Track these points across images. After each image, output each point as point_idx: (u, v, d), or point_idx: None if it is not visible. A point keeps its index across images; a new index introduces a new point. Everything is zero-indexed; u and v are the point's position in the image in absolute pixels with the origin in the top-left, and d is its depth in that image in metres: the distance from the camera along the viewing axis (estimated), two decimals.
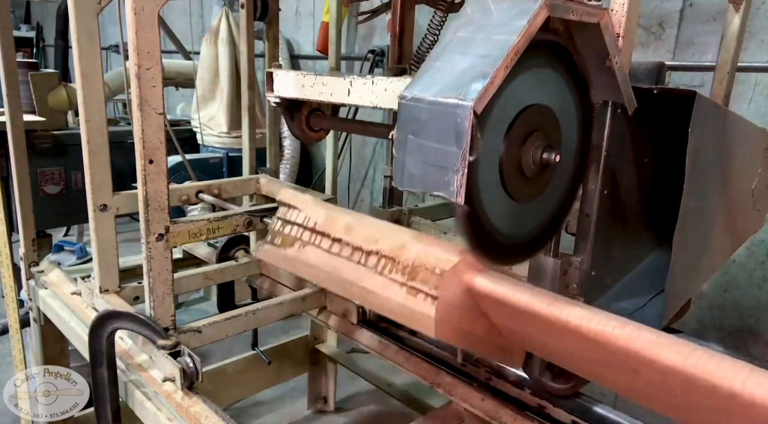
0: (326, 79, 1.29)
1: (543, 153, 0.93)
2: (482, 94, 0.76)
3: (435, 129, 0.79)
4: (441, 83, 0.80)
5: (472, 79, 0.77)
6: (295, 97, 1.39)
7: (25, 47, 8.04)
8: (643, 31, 2.66)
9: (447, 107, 0.77)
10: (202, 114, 3.80)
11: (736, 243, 1.52)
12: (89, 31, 1.43)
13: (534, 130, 0.93)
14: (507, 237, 0.99)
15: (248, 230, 1.66)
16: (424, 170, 0.81)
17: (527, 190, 0.98)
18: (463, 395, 1.32)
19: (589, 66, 0.99)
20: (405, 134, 0.83)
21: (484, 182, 0.88)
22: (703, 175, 1.13)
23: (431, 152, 0.80)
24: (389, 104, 1.17)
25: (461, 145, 0.77)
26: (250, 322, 1.60)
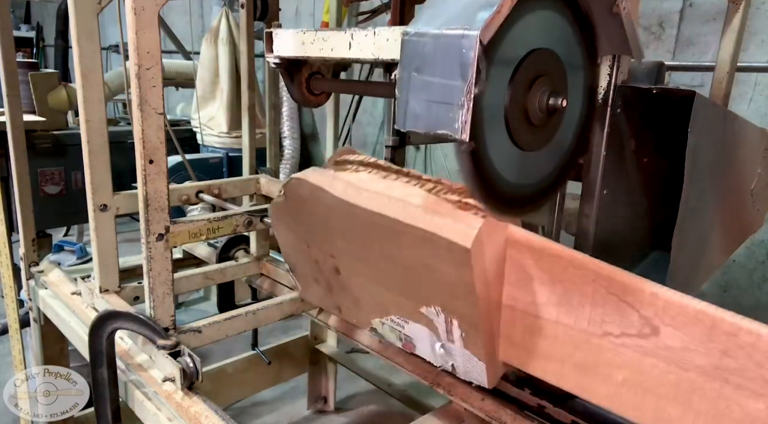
0: (326, 34, 1.25)
1: (549, 98, 0.90)
2: (489, 24, 0.73)
3: (439, 63, 0.76)
4: (446, 15, 0.77)
5: (478, 9, 0.75)
6: (295, 55, 1.34)
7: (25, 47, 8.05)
8: (643, 31, 2.66)
9: (452, 39, 0.74)
10: (202, 114, 3.80)
11: (736, 243, 1.53)
12: (89, 31, 1.43)
13: (540, 75, 0.89)
14: (512, 186, 0.96)
15: (248, 230, 1.66)
16: (428, 108, 0.79)
17: (533, 138, 0.95)
18: (463, 395, 1.32)
19: (596, 12, 0.96)
20: (408, 72, 0.80)
21: (489, 127, 0.84)
22: (702, 175, 1.13)
23: (435, 89, 0.77)
24: (392, 54, 1.12)
25: (466, 77, 0.74)
26: (250, 322, 1.60)
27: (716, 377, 0.81)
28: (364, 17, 1.97)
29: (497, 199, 0.93)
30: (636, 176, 1.19)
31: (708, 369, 0.82)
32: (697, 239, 1.21)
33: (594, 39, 1.00)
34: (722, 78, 1.60)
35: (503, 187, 0.94)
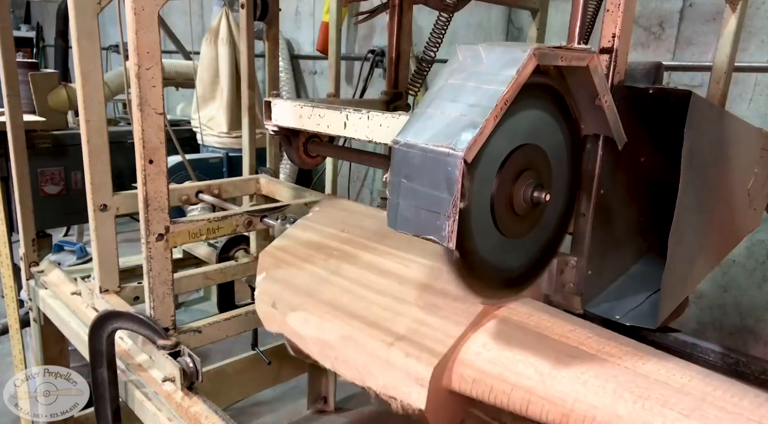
0: (323, 111, 1.32)
1: (534, 192, 0.96)
2: (472, 144, 0.78)
3: (427, 175, 0.81)
4: (433, 130, 0.82)
5: (462, 129, 0.80)
6: (293, 126, 1.43)
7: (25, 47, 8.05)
8: (643, 31, 2.66)
9: (438, 155, 0.79)
10: (202, 114, 3.80)
11: (733, 242, 1.53)
12: (89, 31, 1.43)
13: (525, 169, 0.95)
14: (500, 271, 1.02)
15: (248, 230, 1.66)
16: (417, 214, 0.84)
17: (519, 227, 1.01)
18: None
19: (579, 104, 1.02)
20: (399, 178, 0.85)
21: (476, 222, 0.90)
22: (698, 174, 1.13)
23: (424, 197, 0.82)
24: (384, 139, 1.19)
25: (452, 192, 0.79)
26: (250, 322, 1.60)
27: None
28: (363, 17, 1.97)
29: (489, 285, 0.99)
30: (633, 176, 1.19)
31: None
32: (693, 238, 1.21)
33: (578, 127, 1.05)
34: (720, 78, 1.60)
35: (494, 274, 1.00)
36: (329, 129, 1.31)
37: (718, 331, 2.59)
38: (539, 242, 1.08)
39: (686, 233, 1.15)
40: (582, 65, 0.92)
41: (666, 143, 1.15)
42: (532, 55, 0.82)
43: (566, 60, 0.89)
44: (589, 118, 1.03)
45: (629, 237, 1.27)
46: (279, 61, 2.32)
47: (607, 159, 1.09)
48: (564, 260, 1.15)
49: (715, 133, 1.22)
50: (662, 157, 1.20)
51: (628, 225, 1.25)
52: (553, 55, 0.87)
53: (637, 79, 1.20)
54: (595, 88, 0.96)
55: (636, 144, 1.15)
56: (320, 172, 4.18)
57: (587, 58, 0.92)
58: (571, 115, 1.03)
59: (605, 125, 1.00)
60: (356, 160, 2.08)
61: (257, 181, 2.13)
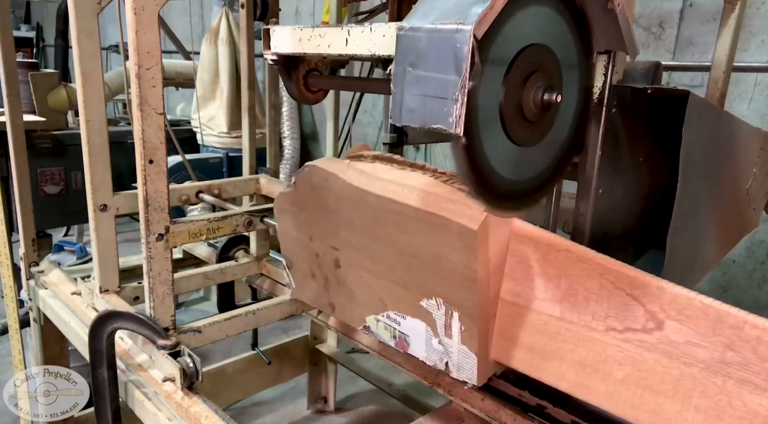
0: (323, 30, 1.25)
1: (544, 94, 0.90)
2: (482, 18, 0.73)
3: (434, 58, 0.77)
4: (440, 10, 0.78)
5: (472, 4, 0.75)
6: (293, 52, 1.35)
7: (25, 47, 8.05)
8: (643, 31, 2.66)
9: (446, 33, 0.75)
10: (202, 114, 3.80)
11: (732, 242, 1.53)
12: (89, 31, 1.43)
13: (534, 70, 0.90)
14: (507, 182, 0.96)
15: (248, 230, 1.66)
16: (423, 103, 0.79)
17: (528, 133, 0.95)
18: (463, 395, 1.32)
19: (590, 7, 0.97)
20: (403, 67, 0.80)
21: (484, 122, 0.85)
22: (697, 174, 1.13)
23: (430, 83, 0.77)
24: (388, 51, 1.12)
25: (460, 71, 0.74)
26: (250, 322, 1.60)
27: (719, 372, 0.81)
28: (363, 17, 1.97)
29: (493, 194, 0.93)
30: (632, 175, 1.19)
31: (711, 364, 0.82)
32: (692, 237, 1.21)
33: (589, 35, 1.00)
34: (718, 78, 1.60)
35: (499, 183, 0.94)
36: (330, 49, 1.24)
37: None
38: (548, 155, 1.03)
39: (685, 232, 1.15)
40: None
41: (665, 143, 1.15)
42: None
43: None
44: (600, 27, 0.98)
45: (628, 236, 1.27)
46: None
47: (606, 158, 1.09)
48: None
49: (714, 133, 1.22)
50: (661, 158, 1.20)
51: (627, 225, 1.25)
52: None
53: (636, 79, 1.20)
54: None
55: (635, 144, 1.15)
56: None
57: None
58: (582, 19, 0.98)
59: (617, 36, 0.95)
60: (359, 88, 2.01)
61: (257, 181, 2.13)
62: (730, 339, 0.80)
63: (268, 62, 1.44)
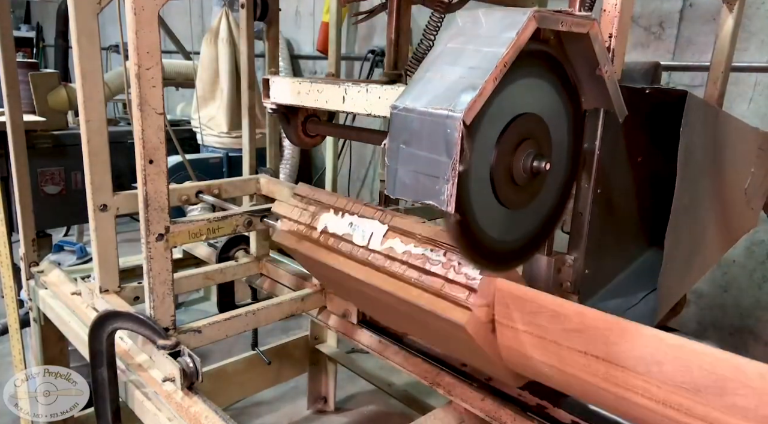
0: (321, 86, 1.29)
1: (533, 161, 0.95)
2: (471, 106, 0.77)
3: (426, 139, 0.81)
4: (432, 94, 0.81)
5: (461, 91, 0.79)
6: (291, 103, 1.40)
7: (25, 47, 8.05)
8: (643, 31, 2.66)
9: (437, 118, 0.79)
10: (202, 114, 3.80)
11: (730, 241, 1.53)
12: (89, 31, 1.43)
13: (525, 138, 0.94)
14: (499, 243, 1.00)
15: (248, 230, 1.66)
16: (416, 179, 0.83)
17: (518, 198, 0.99)
18: (463, 395, 1.32)
19: (580, 74, 1.00)
20: (397, 144, 0.84)
21: (475, 190, 0.89)
22: (695, 174, 1.13)
23: (423, 161, 0.81)
24: (383, 112, 1.17)
25: (451, 155, 0.78)
26: (250, 322, 1.60)
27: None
28: (362, 17, 1.97)
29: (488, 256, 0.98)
30: (630, 175, 1.19)
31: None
32: (690, 237, 1.21)
33: (577, 96, 1.04)
34: (717, 78, 1.60)
35: (493, 245, 0.99)
36: (328, 104, 1.29)
37: (718, 331, 2.59)
38: (538, 215, 1.06)
39: (683, 232, 1.15)
40: (582, 32, 0.90)
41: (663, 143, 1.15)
42: (532, 18, 0.81)
43: (566, 25, 0.88)
44: (589, 90, 1.01)
45: (627, 236, 1.27)
46: (279, 61, 2.32)
47: (605, 158, 1.09)
48: (561, 259, 1.15)
49: (712, 132, 1.22)
50: (660, 157, 1.20)
51: (625, 224, 1.26)
52: (554, 19, 0.86)
53: (635, 79, 1.20)
54: (595, 57, 0.94)
55: (633, 144, 1.15)
56: (320, 172, 4.18)
57: (588, 24, 0.90)
58: (571, 86, 1.01)
59: (606, 97, 0.99)
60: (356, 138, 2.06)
61: (257, 181, 2.13)
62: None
63: (268, 111, 1.49)
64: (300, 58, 4.47)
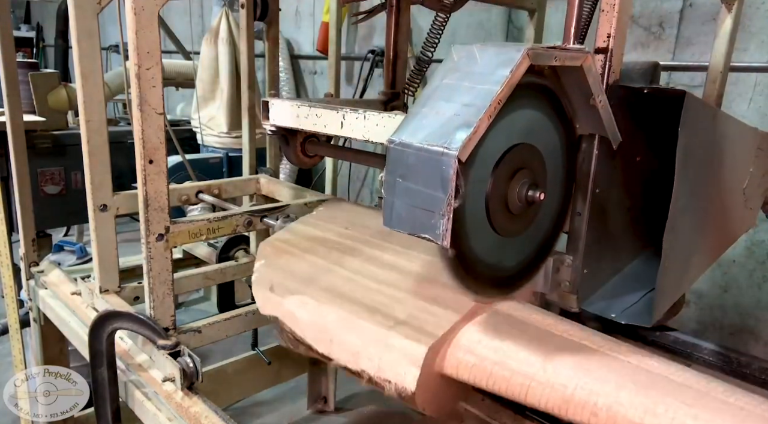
0: (320, 111, 1.32)
1: (528, 191, 0.97)
2: (466, 144, 0.79)
3: (422, 174, 0.82)
4: (428, 130, 0.83)
5: (456, 128, 0.80)
6: (290, 126, 1.43)
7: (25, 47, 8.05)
8: (643, 31, 2.66)
9: (433, 154, 0.80)
10: (202, 114, 3.80)
11: (728, 241, 1.53)
12: (89, 31, 1.43)
13: (520, 168, 0.96)
14: (495, 270, 1.02)
15: (248, 230, 1.66)
16: (412, 213, 0.84)
17: (513, 226, 1.01)
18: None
19: (574, 103, 1.02)
20: (394, 177, 0.85)
21: (471, 221, 0.91)
22: (693, 174, 1.13)
23: (419, 196, 0.83)
24: (380, 139, 1.19)
25: (447, 190, 0.80)
26: (250, 322, 1.60)
27: None
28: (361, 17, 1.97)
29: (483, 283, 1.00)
30: (628, 175, 1.19)
31: None
32: (688, 237, 1.21)
33: (572, 126, 1.06)
34: (716, 78, 1.60)
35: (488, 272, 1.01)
36: (326, 129, 1.32)
37: (718, 331, 2.59)
38: (534, 242, 1.09)
39: (681, 231, 1.15)
40: (576, 65, 0.92)
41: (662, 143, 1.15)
42: (526, 55, 0.83)
43: (560, 60, 0.89)
44: (583, 117, 1.03)
45: (625, 236, 1.27)
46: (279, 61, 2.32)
47: (603, 159, 1.09)
48: (560, 259, 1.15)
49: (710, 132, 1.22)
50: (658, 157, 1.20)
51: (624, 224, 1.25)
52: (547, 56, 0.87)
53: (634, 79, 1.20)
54: (589, 88, 0.96)
55: (632, 144, 1.15)
56: (320, 172, 4.18)
57: (581, 58, 0.92)
58: (565, 115, 1.03)
59: (600, 125, 1.01)
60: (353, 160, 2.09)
61: (257, 181, 2.13)
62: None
63: (267, 132, 1.52)
64: (300, 58, 4.47)
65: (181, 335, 1.41)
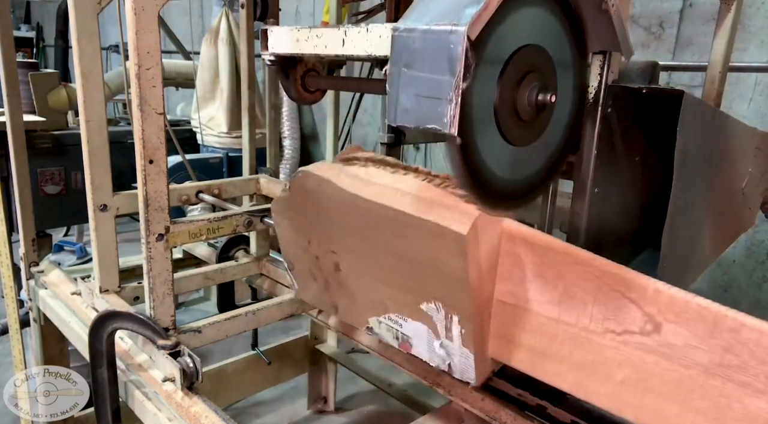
0: (320, 31, 1.26)
1: (538, 94, 0.91)
2: (476, 19, 0.74)
3: (428, 59, 0.77)
4: (435, 11, 0.78)
5: (465, 6, 0.76)
6: (290, 52, 1.36)
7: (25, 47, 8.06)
8: (643, 31, 2.66)
9: (440, 34, 0.75)
10: (202, 114, 3.80)
11: (727, 241, 1.53)
12: (89, 31, 1.43)
13: (529, 71, 0.90)
14: (502, 181, 0.97)
15: (248, 230, 1.66)
16: (417, 103, 0.79)
17: (523, 133, 0.95)
18: (463, 395, 1.32)
19: (585, 9, 0.97)
20: (398, 67, 0.81)
21: (478, 122, 0.85)
22: (692, 173, 1.13)
23: (424, 84, 0.78)
24: (384, 51, 1.12)
25: (455, 72, 0.74)
26: (250, 322, 1.60)
27: (718, 374, 0.81)
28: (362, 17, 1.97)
29: (488, 193, 0.94)
30: (627, 175, 1.19)
31: (710, 367, 0.82)
32: (687, 237, 1.21)
33: (583, 35, 1.00)
34: (715, 78, 1.61)
35: (494, 182, 0.95)
36: (327, 49, 1.25)
37: None
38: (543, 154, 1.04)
39: (679, 231, 1.15)
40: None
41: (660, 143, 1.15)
42: None
43: None
44: (595, 28, 0.98)
45: (624, 235, 1.27)
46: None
47: (602, 158, 1.09)
48: None
49: (709, 132, 1.22)
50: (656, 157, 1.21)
51: (623, 223, 1.26)
52: None
53: (633, 79, 1.20)
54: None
55: (630, 143, 1.15)
56: None
57: None
58: (577, 23, 0.98)
59: (612, 36, 0.96)
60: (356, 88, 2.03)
61: (257, 181, 2.13)
62: (728, 342, 0.80)
63: (266, 62, 1.44)
64: None
65: (181, 335, 1.41)
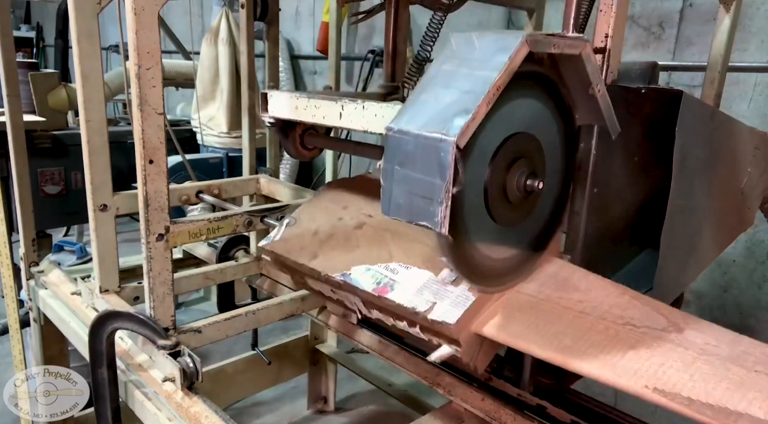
0: (319, 102, 1.31)
1: (527, 180, 0.96)
2: (464, 130, 0.78)
3: (420, 161, 0.82)
4: (426, 116, 0.82)
5: (455, 115, 0.80)
6: (289, 118, 1.42)
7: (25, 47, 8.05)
8: (643, 31, 2.66)
9: (431, 141, 0.80)
10: (202, 114, 3.80)
11: (727, 241, 1.53)
12: (89, 31, 1.43)
13: (518, 157, 0.96)
14: (493, 260, 1.02)
15: (248, 230, 1.66)
16: (410, 200, 0.84)
17: (512, 215, 1.01)
18: (463, 395, 1.32)
19: (573, 92, 1.02)
20: (392, 165, 0.85)
21: (469, 210, 0.90)
22: (690, 173, 1.14)
23: (417, 183, 0.83)
24: (380, 129, 1.18)
25: (445, 177, 0.79)
26: (250, 322, 1.60)
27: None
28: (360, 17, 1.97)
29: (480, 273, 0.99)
30: (626, 175, 1.19)
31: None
32: (686, 237, 1.22)
33: (571, 115, 1.05)
34: (714, 78, 1.61)
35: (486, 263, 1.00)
36: (325, 120, 1.30)
37: None
38: (533, 232, 1.08)
39: (678, 231, 1.15)
40: (575, 53, 0.92)
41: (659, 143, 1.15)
42: (525, 42, 0.82)
43: (559, 47, 0.89)
44: (582, 107, 1.03)
45: (623, 235, 1.27)
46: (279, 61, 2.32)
47: (601, 158, 1.09)
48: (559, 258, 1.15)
49: (708, 132, 1.22)
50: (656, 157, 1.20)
51: (622, 223, 1.26)
52: (546, 42, 0.87)
53: (632, 79, 1.20)
54: (588, 77, 0.95)
55: (630, 144, 1.15)
56: (320, 172, 4.18)
57: (580, 46, 0.92)
58: (564, 105, 1.03)
59: (599, 115, 1.00)
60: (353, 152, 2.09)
61: (257, 181, 2.13)
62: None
63: (266, 124, 1.50)
64: (300, 58, 4.47)
65: (181, 335, 1.41)
